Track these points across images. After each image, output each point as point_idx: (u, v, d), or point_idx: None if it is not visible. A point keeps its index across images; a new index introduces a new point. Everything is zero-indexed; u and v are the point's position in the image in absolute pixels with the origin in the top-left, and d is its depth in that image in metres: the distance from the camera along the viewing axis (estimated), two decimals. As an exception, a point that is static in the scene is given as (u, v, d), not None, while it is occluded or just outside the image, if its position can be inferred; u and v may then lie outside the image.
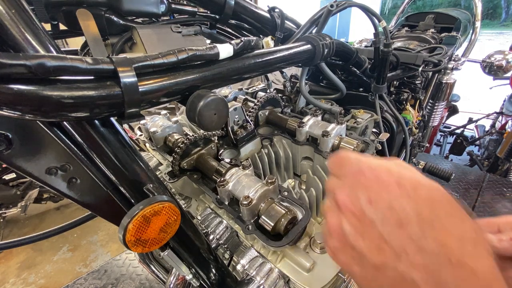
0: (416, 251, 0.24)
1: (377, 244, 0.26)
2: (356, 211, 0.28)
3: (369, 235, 0.27)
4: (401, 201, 0.26)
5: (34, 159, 0.42)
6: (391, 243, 0.25)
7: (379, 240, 0.26)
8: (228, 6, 0.78)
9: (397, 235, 0.25)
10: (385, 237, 0.26)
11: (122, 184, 0.46)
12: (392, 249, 0.25)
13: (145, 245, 0.45)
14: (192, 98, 0.46)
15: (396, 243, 0.25)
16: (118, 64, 0.35)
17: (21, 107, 0.30)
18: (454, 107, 2.75)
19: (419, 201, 0.26)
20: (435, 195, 0.26)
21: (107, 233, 2.49)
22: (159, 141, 0.91)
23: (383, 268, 0.26)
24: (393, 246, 0.25)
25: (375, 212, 0.27)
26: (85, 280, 1.47)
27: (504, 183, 2.00)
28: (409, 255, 0.24)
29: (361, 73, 1.03)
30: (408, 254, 0.24)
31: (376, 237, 0.26)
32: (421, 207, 0.25)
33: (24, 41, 0.31)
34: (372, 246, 0.26)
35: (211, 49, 0.47)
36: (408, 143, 1.20)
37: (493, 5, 18.44)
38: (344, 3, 0.80)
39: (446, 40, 1.56)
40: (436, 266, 0.23)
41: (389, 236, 0.25)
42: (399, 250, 0.25)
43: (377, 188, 0.27)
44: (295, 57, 0.67)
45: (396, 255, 0.25)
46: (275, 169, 0.92)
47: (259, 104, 0.95)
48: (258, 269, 0.62)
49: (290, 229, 0.58)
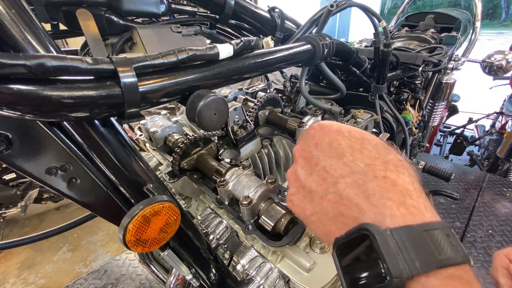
0: (349, 173, 0.29)
1: (321, 176, 0.31)
2: (305, 155, 0.34)
3: (316, 171, 0.32)
4: (338, 140, 0.32)
5: (34, 159, 0.42)
6: (331, 172, 0.31)
7: (323, 172, 0.31)
8: (228, 6, 0.78)
9: (335, 165, 0.31)
10: (327, 168, 0.31)
11: (122, 184, 0.46)
12: (332, 177, 0.30)
13: (145, 245, 0.45)
14: (192, 98, 0.46)
15: (335, 171, 0.30)
16: (118, 64, 0.35)
17: (21, 107, 0.30)
18: (454, 107, 2.75)
19: (352, 139, 0.32)
20: (366, 136, 0.33)
21: (107, 233, 2.49)
22: (159, 141, 0.91)
23: (326, 194, 0.30)
24: (333, 174, 0.30)
25: (319, 151, 0.33)
26: (85, 280, 1.47)
27: (504, 183, 2.00)
28: (344, 177, 0.29)
29: (361, 73, 1.03)
30: (343, 177, 0.30)
31: (321, 171, 0.31)
32: (354, 143, 0.32)
33: (24, 41, 0.31)
34: (318, 179, 0.32)
35: (211, 49, 0.47)
36: (408, 143, 1.20)
37: (493, 5, 18.43)
38: (344, 3, 0.80)
39: (446, 40, 1.56)
40: (364, 181, 0.28)
41: (330, 167, 0.31)
42: (337, 176, 0.30)
43: (321, 134, 0.34)
44: (295, 57, 0.67)
45: (335, 180, 0.30)
46: (275, 169, 0.92)
47: (259, 104, 0.95)
48: (258, 269, 0.62)
49: (290, 229, 0.58)
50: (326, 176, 0.31)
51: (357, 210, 0.28)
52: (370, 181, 0.28)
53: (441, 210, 1.79)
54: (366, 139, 0.32)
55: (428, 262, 0.23)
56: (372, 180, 0.28)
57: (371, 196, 0.28)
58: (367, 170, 0.29)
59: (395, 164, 0.30)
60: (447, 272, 0.23)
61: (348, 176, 0.29)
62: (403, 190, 0.28)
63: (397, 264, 0.23)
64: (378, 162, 0.29)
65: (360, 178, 0.29)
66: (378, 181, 0.28)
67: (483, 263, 1.44)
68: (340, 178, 0.30)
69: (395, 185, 0.28)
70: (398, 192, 0.27)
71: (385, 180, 0.28)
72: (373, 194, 0.28)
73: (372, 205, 0.27)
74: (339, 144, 0.32)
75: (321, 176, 0.31)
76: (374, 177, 0.28)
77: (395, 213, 0.26)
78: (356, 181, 0.29)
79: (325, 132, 0.34)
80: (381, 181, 0.28)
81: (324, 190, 0.31)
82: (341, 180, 0.30)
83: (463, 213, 1.75)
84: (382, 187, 0.28)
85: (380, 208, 0.27)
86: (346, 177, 0.29)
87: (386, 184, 0.28)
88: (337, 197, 0.29)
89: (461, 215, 1.74)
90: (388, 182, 0.28)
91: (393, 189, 0.28)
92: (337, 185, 0.30)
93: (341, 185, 0.29)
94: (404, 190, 0.28)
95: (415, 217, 0.26)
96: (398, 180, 0.28)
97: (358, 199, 0.28)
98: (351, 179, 0.29)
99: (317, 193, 0.31)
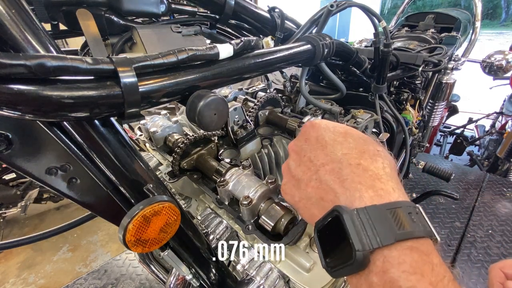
0: (328, 162, 0.33)
1: (307, 165, 0.35)
2: (296, 149, 0.38)
3: (303, 162, 0.36)
4: (323, 134, 0.36)
5: (34, 159, 0.42)
6: (314, 161, 0.35)
7: (308, 162, 0.35)
8: (228, 6, 0.78)
9: (319, 155, 0.35)
10: (312, 159, 0.35)
11: (122, 184, 0.46)
12: (315, 165, 0.34)
13: (145, 245, 0.45)
14: (192, 98, 0.46)
15: (317, 160, 0.34)
16: (118, 64, 0.35)
17: (21, 107, 0.30)
18: (454, 107, 2.75)
19: (336, 133, 0.36)
20: (349, 131, 0.36)
21: (107, 233, 2.49)
22: (159, 141, 0.91)
23: (310, 181, 0.34)
24: (316, 163, 0.34)
25: (307, 145, 0.37)
26: (85, 280, 1.47)
27: (504, 183, 2.00)
28: (324, 165, 0.33)
29: (361, 73, 1.03)
30: (324, 165, 0.33)
31: (307, 161, 0.35)
32: (337, 136, 0.35)
33: (24, 41, 0.31)
34: (305, 168, 0.35)
35: (211, 49, 0.47)
36: (408, 143, 1.19)
37: (493, 5, 18.43)
38: (344, 3, 0.80)
39: (446, 40, 1.56)
40: (340, 168, 0.32)
41: (315, 157, 0.35)
42: (319, 164, 0.34)
43: (311, 131, 0.38)
44: (295, 57, 0.67)
45: (317, 168, 0.34)
46: (275, 169, 0.92)
47: (259, 104, 0.95)
48: (258, 269, 0.62)
49: (290, 229, 0.58)
50: (310, 165, 0.35)
51: (333, 194, 0.31)
52: (345, 168, 0.32)
53: (441, 210, 1.79)
54: (349, 134, 0.36)
55: (389, 236, 0.26)
56: (346, 167, 0.32)
57: (345, 181, 0.31)
58: (343, 159, 0.32)
59: (370, 154, 0.33)
60: (406, 244, 0.26)
61: (327, 164, 0.33)
62: (373, 175, 0.31)
63: (361, 239, 0.26)
64: (355, 151, 0.33)
65: (337, 166, 0.32)
66: (352, 167, 0.31)
67: (483, 263, 1.44)
68: (321, 167, 0.33)
69: (367, 171, 0.31)
70: (369, 177, 0.30)
71: (358, 166, 0.31)
72: (346, 179, 0.31)
73: (345, 189, 0.30)
74: (323, 138, 0.36)
75: (306, 166, 0.35)
76: (348, 164, 0.32)
77: (364, 195, 0.29)
78: (333, 168, 0.32)
79: (315, 129, 0.38)
80: (355, 167, 0.31)
81: (309, 178, 0.34)
82: (322, 168, 0.33)
83: (463, 213, 1.76)
84: (355, 172, 0.31)
85: (351, 191, 0.30)
86: (326, 165, 0.33)
87: (358, 170, 0.31)
88: (318, 183, 0.33)
89: (461, 215, 1.74)
90: (360, 168, 0.31)
91: (364, 174, 0.31)
92: (318, 172, 0.33)
93: (321, 172, 0.33)
94: (375, 175, 0.31)
95: (382, 198, 0.29)
96: (370, 167, 0.31)
97: (334, 184, 0.31)
98: (330, 166, 0.33)
99: (303, 180, 0.35)
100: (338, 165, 0.32)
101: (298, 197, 0.36)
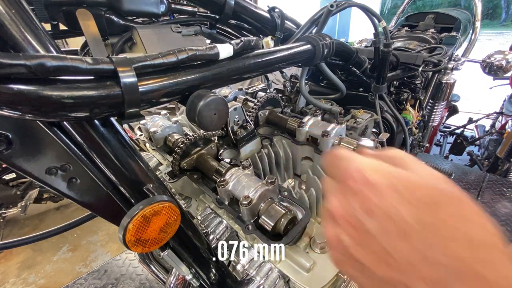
0: (422, 263, 0.22)
1: (380, 257, 0.24)
2: (351, 221, 0.26)
3: (370, 247, 0.25)
4: (398, 208, 0.23)
5: (34, 159, 0.42)
6: (394, 256, 0.23)
7: (382, 253, 0.24)
8: (228, 6, 0.78)
9: (400, 247, 0.23)
10: (388, 249, 0.23)
11: (122, 184, 0.46)
12: (396, 262, 0.23)
13: (145, 245, 0.45)
14: (192, 98, 0.46)
15: (400, 256, 0.23)
16: (118, 64, 0.35)
17: (21, 107, 0.30)
18: (454, 107, 2.75)
19: (417, 205, 0.23)
20: (435, 195, 0.24)
21: (107, 233, 2.49)
22: (159, 141, 0.91)
23: (391, 281, 0.24)
24: (397, 259, 0.23)
25: (372, 222, 0.24)
26: (85, 280, 1.47)
27: (504, 183, 2.00)
28: (415, 267, 0.22)
29: (361, 73, 1.03)
30: (414, 266, 0.22)
31: (378, 250, 0.24)
32: (421, 213, 0.23)
33: (24, 41, 0.31)
34: (375, 258, 0.24)
35: (211, 49, 0.47)
36: (408, 143, 1.20)
37: (493, 5, 18.44)
38: (344, 3, 0.80)
39: (446, 40, 1.56)
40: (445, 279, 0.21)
41: (392, 249, 0.23)
42: (405, 263, 0.23)
43: (369, 194, 0.25)
44: (295, 57, 0.67)
45: (402, 268, 0.23)
46: (275, 169, 0.92)
47: (259, 104, 0.95)
48: (258, 269, 0.62)
49: (290, 229, 0.58)
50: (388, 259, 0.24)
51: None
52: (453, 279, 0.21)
53: (441, 210, 1.79)
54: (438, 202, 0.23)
55: None
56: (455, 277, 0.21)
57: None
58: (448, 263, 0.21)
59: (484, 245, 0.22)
60: None
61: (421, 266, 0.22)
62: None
63: None
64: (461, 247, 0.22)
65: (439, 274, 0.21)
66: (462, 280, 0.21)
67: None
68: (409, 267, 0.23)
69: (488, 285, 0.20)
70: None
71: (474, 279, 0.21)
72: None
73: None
74: (401, 218, 0.23)
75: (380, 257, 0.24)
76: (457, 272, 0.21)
77: None
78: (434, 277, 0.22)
79: (375, 191, 0.25)
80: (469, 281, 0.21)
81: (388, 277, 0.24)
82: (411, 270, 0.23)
83: (463, 213, 1.75)
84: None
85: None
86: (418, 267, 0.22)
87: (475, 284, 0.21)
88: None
89: (461, 215, 1.73)
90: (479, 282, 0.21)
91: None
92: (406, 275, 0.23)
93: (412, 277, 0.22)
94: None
95: None
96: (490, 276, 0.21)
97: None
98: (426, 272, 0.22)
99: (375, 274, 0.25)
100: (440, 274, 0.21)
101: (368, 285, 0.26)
